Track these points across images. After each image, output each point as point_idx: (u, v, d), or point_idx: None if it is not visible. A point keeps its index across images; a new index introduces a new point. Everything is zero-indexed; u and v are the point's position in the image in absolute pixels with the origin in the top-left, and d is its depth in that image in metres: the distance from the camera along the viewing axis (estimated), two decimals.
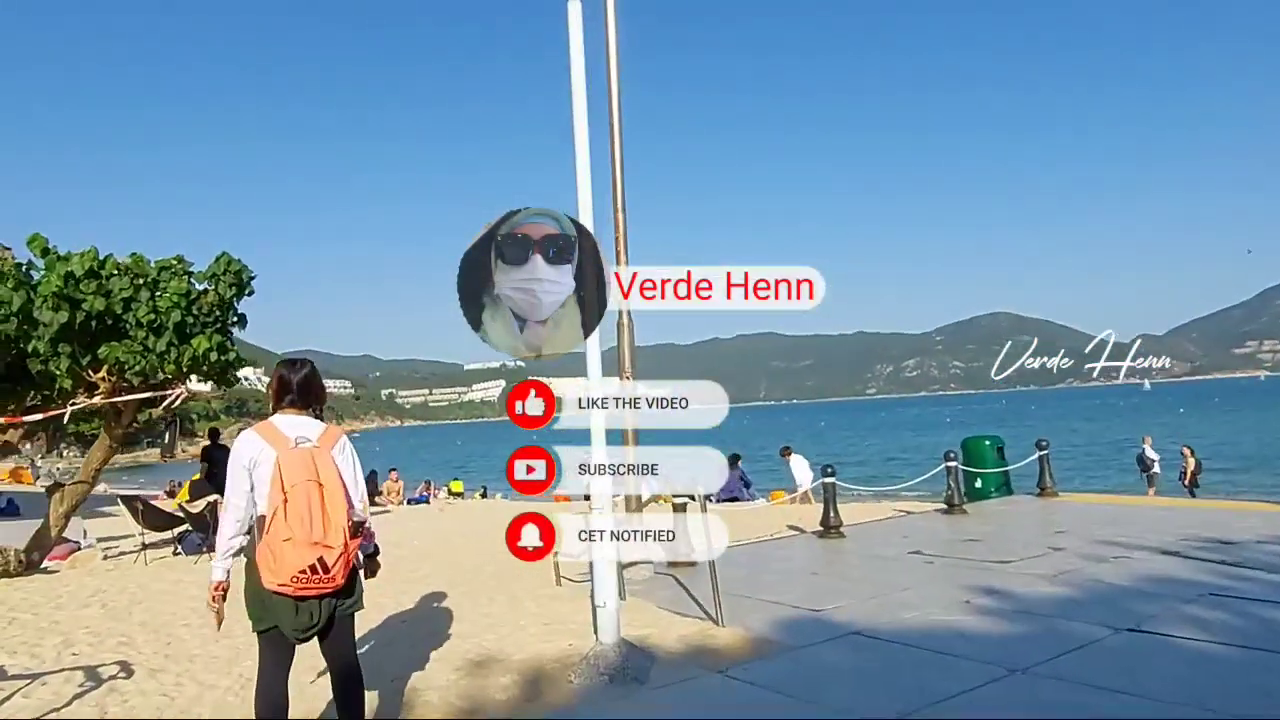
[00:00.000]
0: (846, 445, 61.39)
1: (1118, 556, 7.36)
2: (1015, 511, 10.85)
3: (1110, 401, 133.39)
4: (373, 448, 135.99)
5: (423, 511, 18.67)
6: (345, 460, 3.48)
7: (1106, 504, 11.49)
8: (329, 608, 3.41)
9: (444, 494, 30.66)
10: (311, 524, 3.27)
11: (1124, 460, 34.38)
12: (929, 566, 7.45)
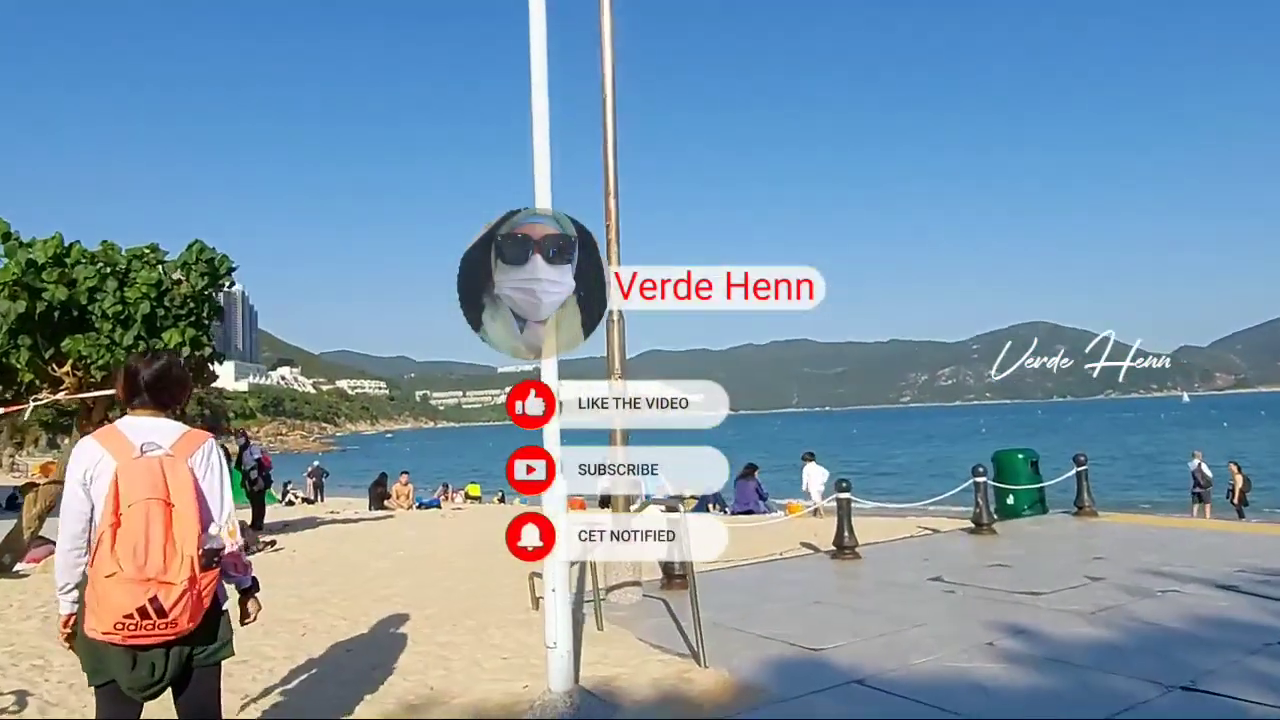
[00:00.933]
0: (875, 455, 60.08)
1: (1165, 591, 6.49)
2: (1049, 533, 9.95)
3: (1150, 414, 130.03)
4: (403, 448, 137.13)
5: (427, 517, 18.06)
6: (206, 471, 2.78)
7: (1150, 526, 10.53)
8: (179, 658, 2.72)
9: (460, 497, 30.19)
10: (147, 555, 2.59)
11: (1166, 476, 32.91)
12: (949, 597, 6.63)
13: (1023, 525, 10.69)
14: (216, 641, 2.82)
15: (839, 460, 56.21)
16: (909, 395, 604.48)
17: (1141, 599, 6.26)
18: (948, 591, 6.80)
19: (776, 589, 7.22)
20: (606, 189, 7.17)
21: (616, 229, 7.15)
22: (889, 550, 9.19)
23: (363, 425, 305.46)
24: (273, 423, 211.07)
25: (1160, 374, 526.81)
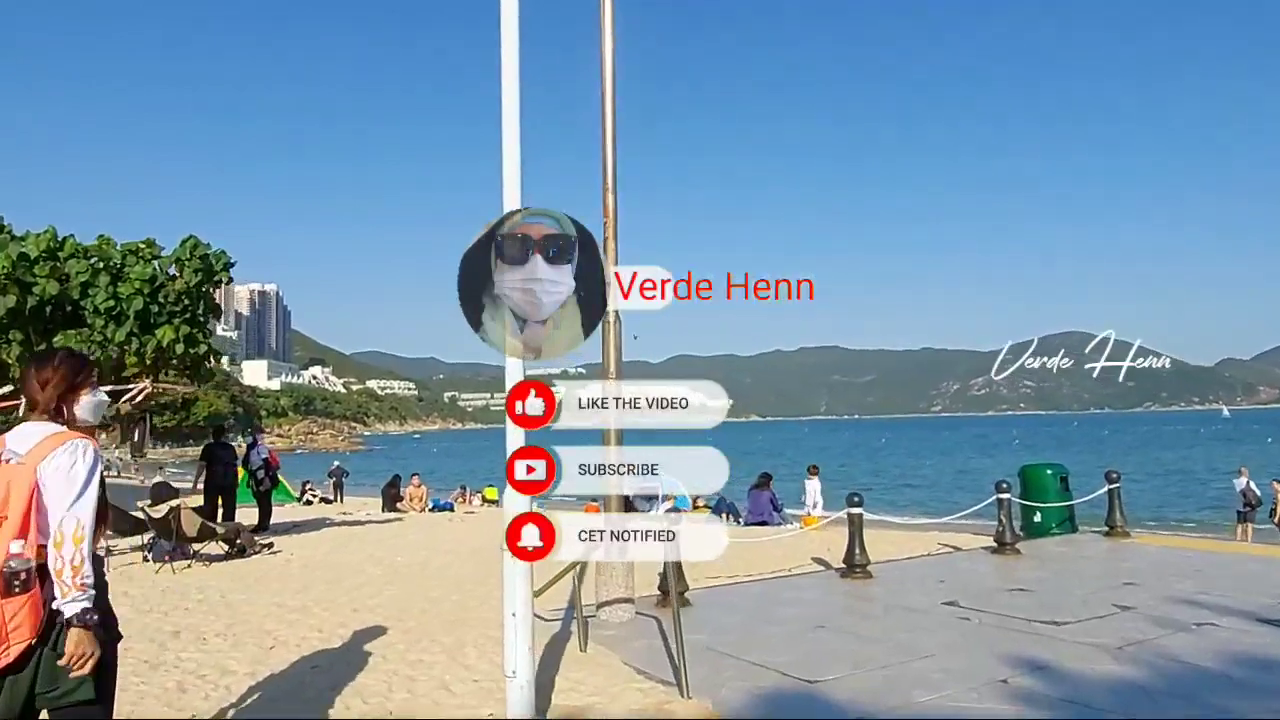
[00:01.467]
0: (902, 465, 59.04)
1: (1201, 624, 5.97)
2: (1077, 555, 9.40)
3: (1190, 428, 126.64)
4: (430, 449, 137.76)
5: (437, 520, 17.80)
6: (53, 477, 2.42)
7: (1187, 549, 9.92)
8: (10, 693, 2.36)
9: (478, 500, 30.00)
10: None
11: (1205, 494, 31.80)
12: (963, 625, 6.16)
13: (1049, 545, 10.14)
14: (58, 686, 2.39)
15: (863, 470, 55.35)
16: (940, 404, 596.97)
17: (1174, 633, 5.76)
18: (962, 618, 6.33)
19: (778, 610, 6.79)
20: (605, 184, 6.82)
21: (615, 226, 6.80)
22: (903, 569, 8.71)
23: (391, 425, 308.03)
24: (304, 421, 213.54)
25: (1202, 386, 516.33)
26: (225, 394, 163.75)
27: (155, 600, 7.38)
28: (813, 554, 10.06)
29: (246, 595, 7.56)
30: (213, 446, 13.31)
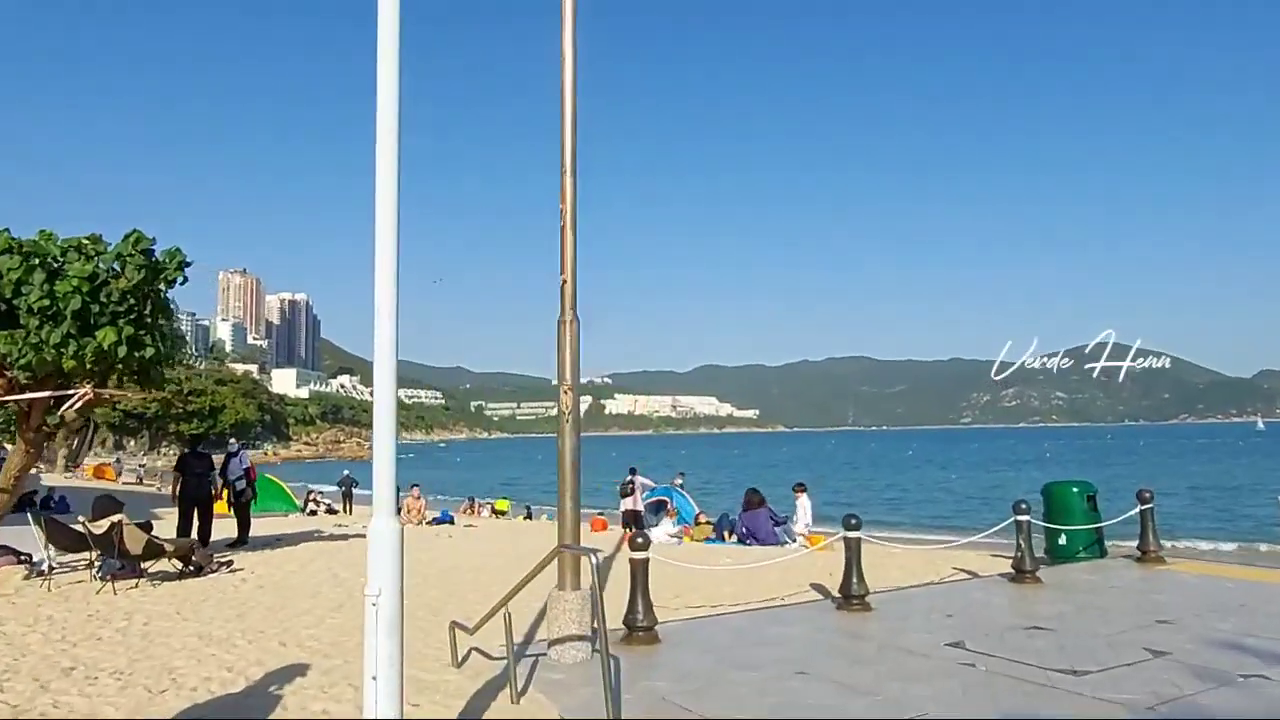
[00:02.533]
0: (928, 478, 57.53)
1: (1250, 676, 5.08)
2: (1104, 585, 8.44)
3: (1227, 440, 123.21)
4: (454, 458, 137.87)
5: (429, 535, 17.06)
6: None
7: (1228, 578, 8.91)
8: None
9: (486, 512, 29.37)
10: None
11: (1246, 512, 30.31)
12: (966, 672, 5.30)
13: (1074, 573, 9.19)
14: None
15: (883, 483, 53.83)
16: (970, 416, 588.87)
17: (1216, 687, 4.87)
18: (966, 664, 5.47)
19: (757, 651, 5.97)
20: (563, 166, 6.07)
21: (573, 213, 6.04)
22: (907, 600, 7.82)
23: (418, 434, 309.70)
24: (331, 429, 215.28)
25: (1239, 398, 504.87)
26: (254, 402, 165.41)
27: (73, 627, 6.72)
28: (813, 579, 9.21)
29: (172, 623, 6.87)
30: (186, 456, 12.74)
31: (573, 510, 5.93)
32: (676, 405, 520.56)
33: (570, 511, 5.91)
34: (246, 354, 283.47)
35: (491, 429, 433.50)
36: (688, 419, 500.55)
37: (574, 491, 5.93)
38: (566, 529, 5.90)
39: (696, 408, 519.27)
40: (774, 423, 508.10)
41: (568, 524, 5.90)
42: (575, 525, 5.95)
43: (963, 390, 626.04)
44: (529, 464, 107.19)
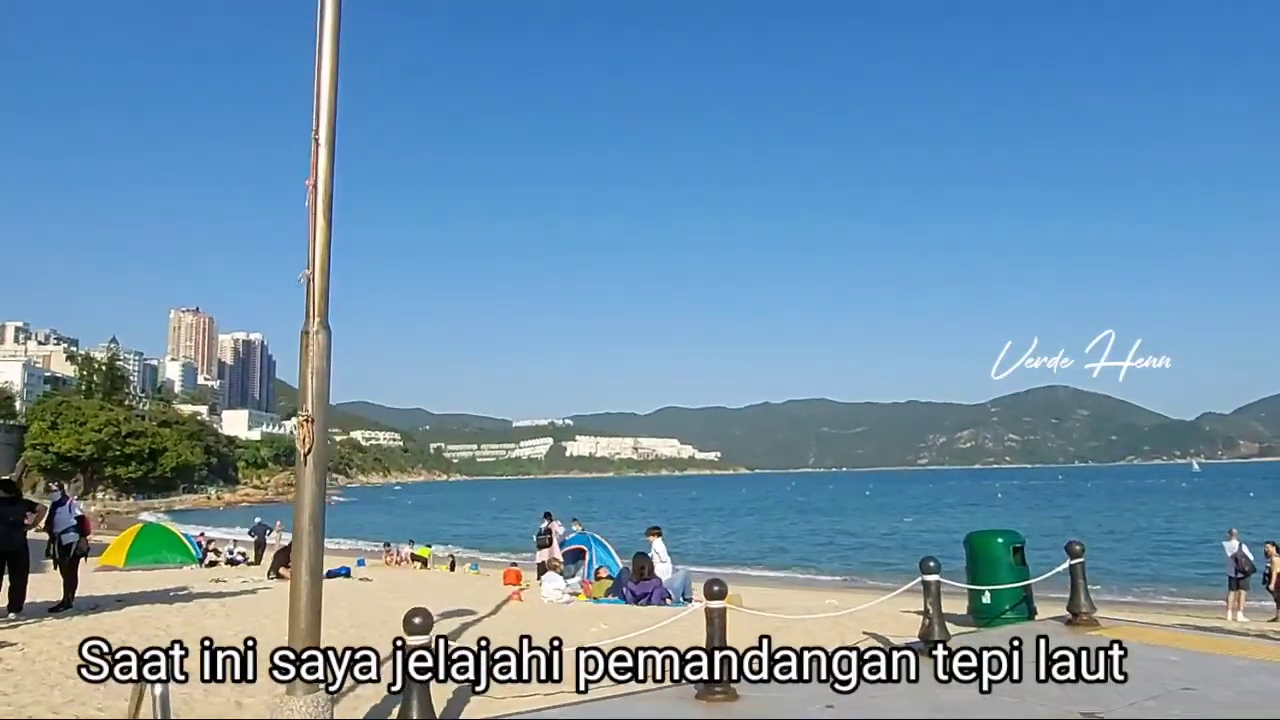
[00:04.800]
0: (875, 521, 56.30)
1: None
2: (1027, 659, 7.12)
3: (1171, 482, 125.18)
4: (405, 501, 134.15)
5: (277, 594, 14.97)
6: None
7: (1171, 648, 7.67)
8: None
9: (407, 560, 27.50)
10: None
11: (1187, 554, 29.57)
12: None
13: (996, 639, 7.86)
14: None
15: (833, 526, 52.41)
16: (927, 457, 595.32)
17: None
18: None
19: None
20: (316, 132, 4.71)
21: (327, 190, 4.66)
22: (784, 686, 6.42)
23: (375, 477, 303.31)
24: (284, 472, 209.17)
25: (1183, 440, 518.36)
26: (199, 444, 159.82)
27: None
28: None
29: None
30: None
31: (311, 585, 4.46)
32: (638, 447, 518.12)
33: (307, 587, 4.44)
34: (197, 395, 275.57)
35: (451, 471, 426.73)
36: (650, 460, 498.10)
37: (313, 558, 4.48)
38: (301, 612, 4.42)
39: (658, 449, 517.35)
40: (736, 464, 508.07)
41: (302, 605, 4.42)
42: (313, 604, 4.47)
43: (920, 432, 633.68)
44: (482, 506, 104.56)
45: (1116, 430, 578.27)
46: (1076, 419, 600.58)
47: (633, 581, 11.68)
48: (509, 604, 11.97)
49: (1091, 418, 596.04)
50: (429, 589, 15.74)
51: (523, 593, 13.30)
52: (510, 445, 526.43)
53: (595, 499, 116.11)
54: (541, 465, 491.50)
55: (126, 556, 23.32)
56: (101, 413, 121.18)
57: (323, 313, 4.62)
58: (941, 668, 6.78)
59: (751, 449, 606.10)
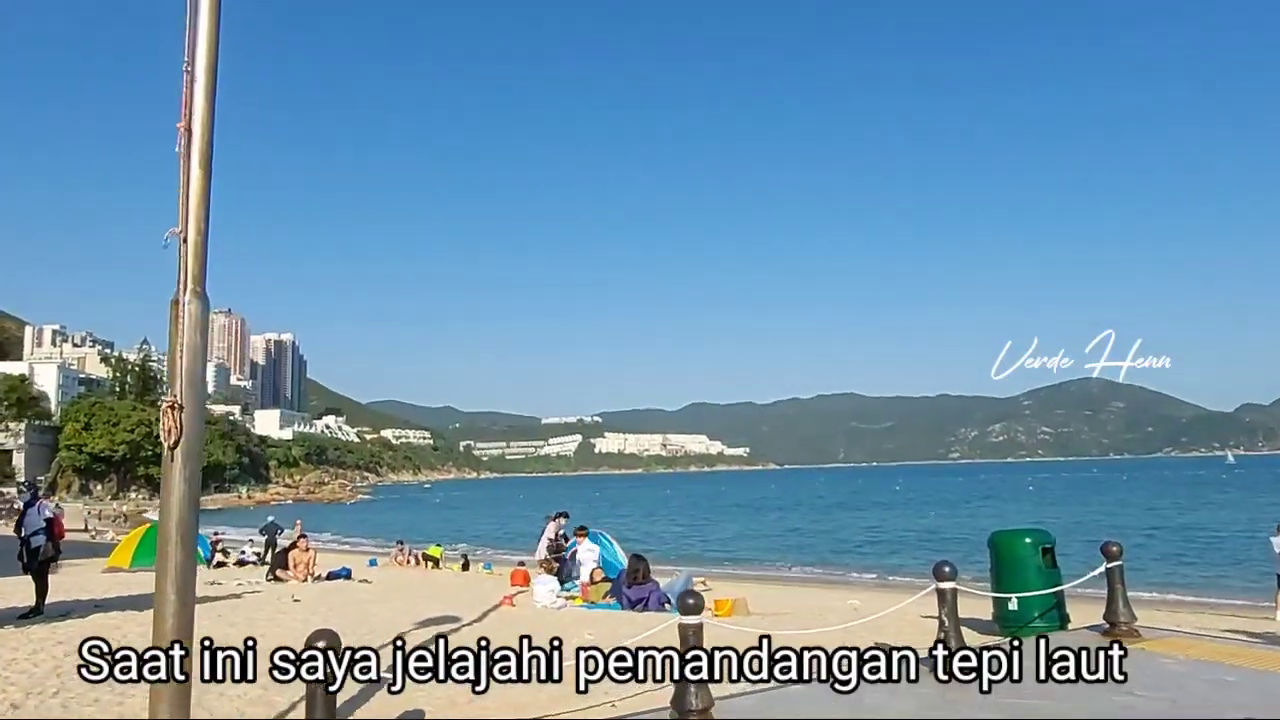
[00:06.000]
0: (903, 516, 54.85)
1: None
2: (1055, 688, 6.20)
3: (1211, 474, 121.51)
4: (434, 499, 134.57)
5: (284, 597, 14.03)
6: None
7: (1225, 664, 6.72)
8: None
9: (413, 560, 26.89)
10: None
11: (1231, 553, 28.09)
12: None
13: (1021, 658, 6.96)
14: None
15: (859, 522, 50.91)
16: (958, 451, 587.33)
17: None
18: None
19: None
20: (190, 66, 3.95)
21: (205, 135, 3.91)
22: (766, 709, 5.59)
23: (405, 475, 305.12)
24: (315, 471, 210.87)
25: (1222, 432, 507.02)
26: (231, 443, 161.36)
27: None
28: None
29: None
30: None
31: (178, 608, 3.71)
32: (667, 444, 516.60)
33: (174, 609, 3.69)
34: (229, 395, 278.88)
35: (480, 469, 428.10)
36: (678, 457, 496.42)
37: (181, 576, 3.72)
38: (165, 635, 3.67)
39: (687, 446, 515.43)
40: (764, 460, 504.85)
41: (167, 628, 3.67)
42: (180, 628, 3.72)
43: (950, 426, 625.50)
44: (509, 504, 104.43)
45: (1153, 422, 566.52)
46: (1111, 411, 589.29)
47: (628, 585, 10.88)
48: (499, 609, 11.23)
49: (1127, 410, 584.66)
50: (428, 591, 15.08)
51: (516, 597, 12.56)
52: (539, 443, 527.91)
53: (622, 497, 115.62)
54: (570, 463, 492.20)
55: (133, 558, 22.93)
56: (134, 413, 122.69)
57: (198, 279, 3.87)
58: (955, 692, 5.94)
59: (780, 445, 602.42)
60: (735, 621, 9.51)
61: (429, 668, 4.52)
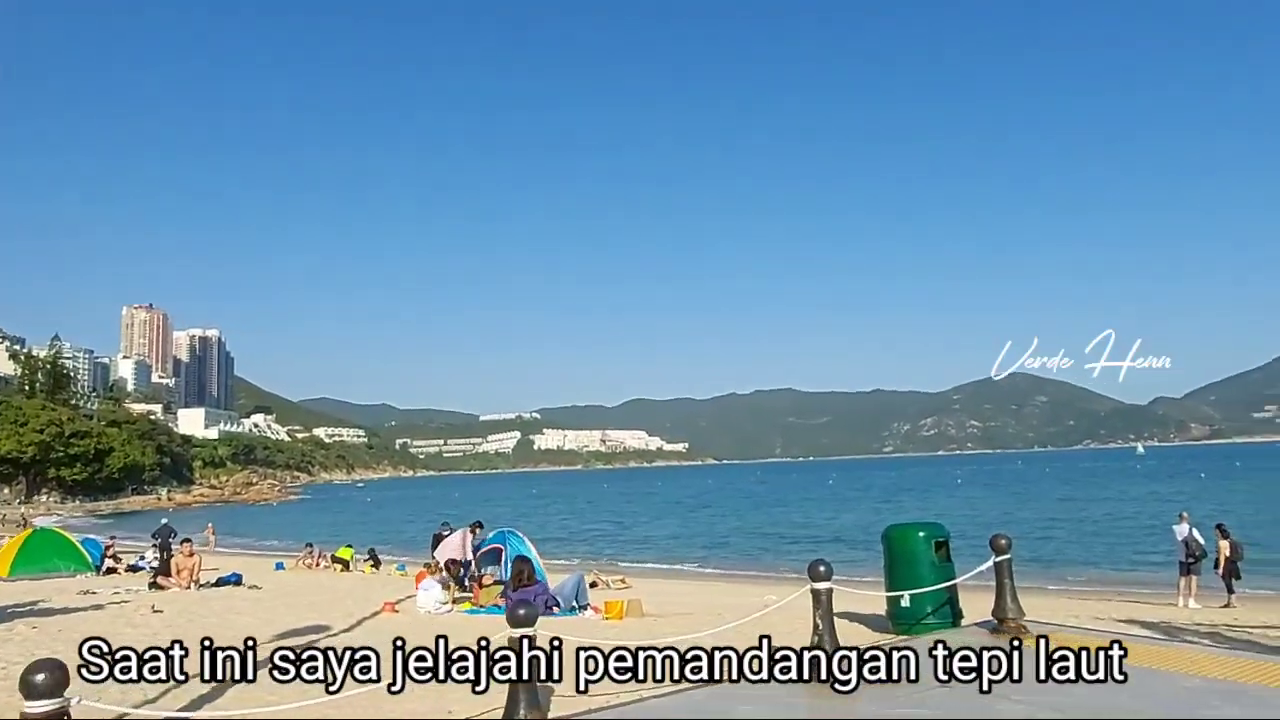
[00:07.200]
0: (826, 512, 55.16)
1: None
2: (928, 695, 5.80)
3: (1122, 465, 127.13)
4: (365, 498, 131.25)
5: (141, 608, 12.79)
6: None
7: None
8: None
9: (324, 563, 25.83)
10: None
11: (1138, 541, 28.83)
12: None
13: (906, 655, 6.58)
14: None
15: (787, 517, 50.83)
16: (891, 445, 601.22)
17: None
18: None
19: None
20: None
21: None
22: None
23: (338, 474, 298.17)
24: (243, 471, 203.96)
25: (1138, 424, 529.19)
26: (150, 443, 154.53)
27: None
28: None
29: None
30: None
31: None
32: (606, 439, 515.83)
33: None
34: (150, 393, 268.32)
35: (417, 467, 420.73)
36: (618, 453, 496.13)
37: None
38: None
39: (626, 441, 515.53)
40: (703, 455, 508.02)
41: None
42: None
43: (885, 420, 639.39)
44: (441, 502, 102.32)
45: (1073, 416, 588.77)
46: (1035, 405, 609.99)
47: (512, 589, 10.28)
48: (377, 616, 10.52)
49: (1050, 404, 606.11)
50: (316, 596, 14.22)
51: (403, 603, 11.82)
52: (478, 440, 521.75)
53: (558, 493, 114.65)
54: (509, 459, 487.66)
55: (11, 566, 21.36)
56: (43, 412, 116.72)
57: None
58: (826, 701, 5.52)
59: (719, 440, 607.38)
60: (620, 624, 8.97)
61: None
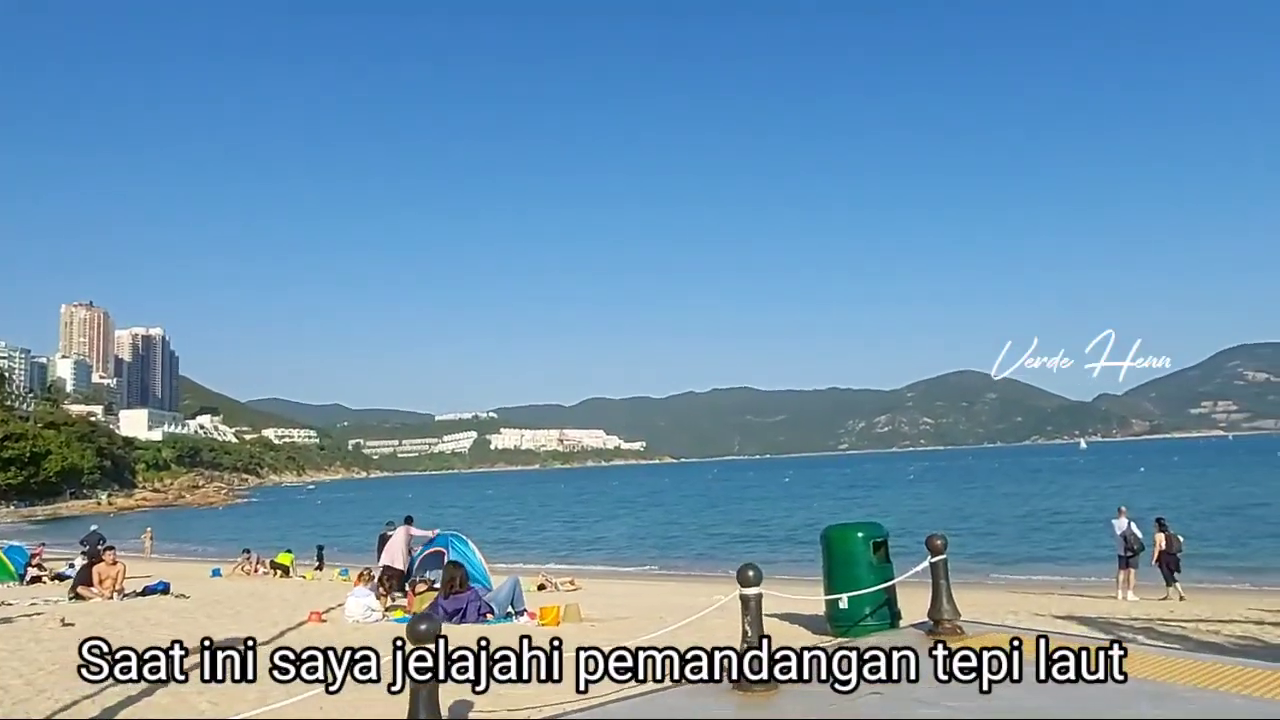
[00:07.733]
0: (780, 510, 55.27)
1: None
2: (861, 699, 5.63)
3: (1064, 460, 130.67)
4: (315, 500, 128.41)
5: (51, 621, 12.19)
6: None
7: (1034, 662, 6.33)
8: None
9: (262, 569, 25.07)
10: None
11: (1079, 535, 29.38)
12: None
13: (844, 659, 6.40)
14: None
15: (740, 515, 50.71)
16: (847, 442, 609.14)
17: None
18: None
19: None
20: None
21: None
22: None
23: (289, 476, 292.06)
24: (188, 474, 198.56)
25: (1082, 420, 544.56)
26: (91, 445, 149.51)
27: None
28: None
29: None
30: None
31: None
32: (564, 439, 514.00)
33: None
34: (91, 394, 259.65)
35: (371, 468, 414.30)
36: (575, 452, 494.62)
37: None
38: None
39: (584, 440, 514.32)
40: (661, 454, 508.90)
41: None
42: None
43: (840, 418, 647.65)
44: (394, 504, 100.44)
45: (1021, 412, 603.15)
46: (985, 402, 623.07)
47: (444, 595, 9.91)
48: (302, 627, 10.07)
49: (999, 401, 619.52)
50: (244, 605, 13.68)
51: (329, 612, 11.36)
52: (433, 440, 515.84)
53: (513, 493, 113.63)
54: (466, 459, 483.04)
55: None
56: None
57: None
58: (760, 699, 5.30)
59: (676, 438, 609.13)
60: (555, 630, 8.68)
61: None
